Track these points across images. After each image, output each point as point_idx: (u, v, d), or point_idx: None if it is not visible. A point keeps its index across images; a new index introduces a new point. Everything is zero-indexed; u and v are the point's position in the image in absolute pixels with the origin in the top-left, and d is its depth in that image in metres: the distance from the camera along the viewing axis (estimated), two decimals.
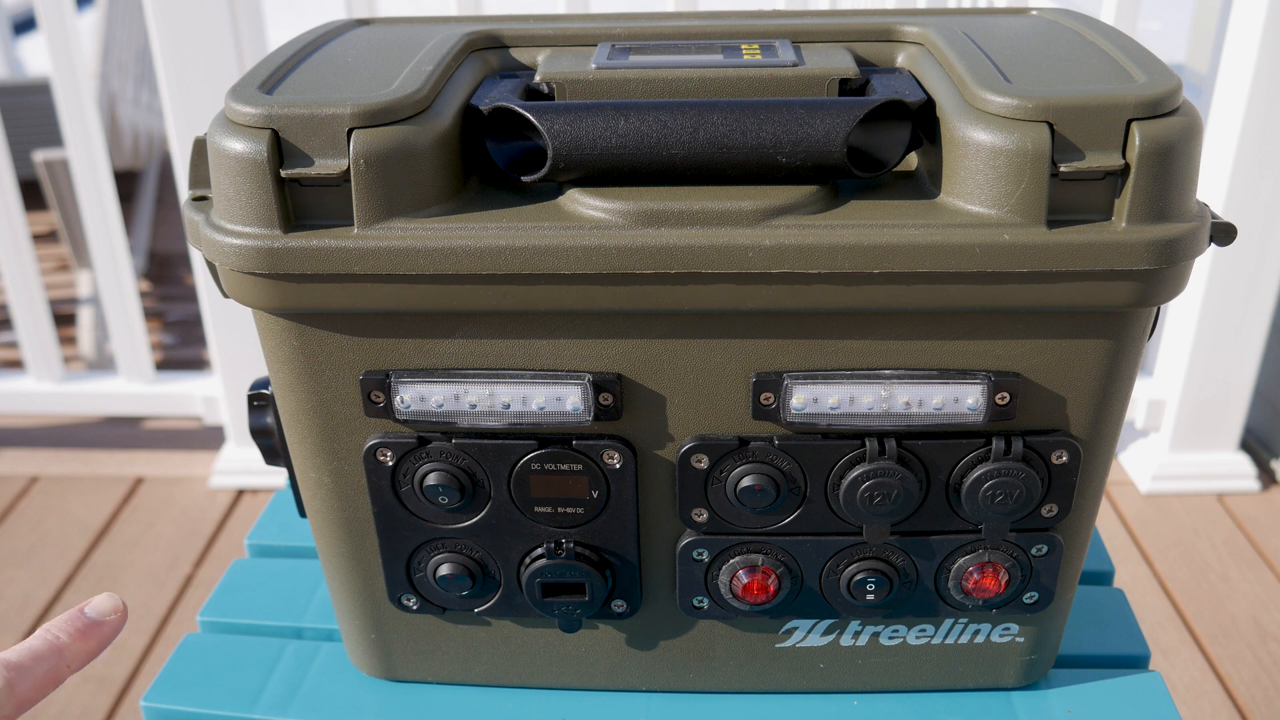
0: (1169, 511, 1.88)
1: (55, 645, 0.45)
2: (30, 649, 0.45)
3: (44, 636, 0.45)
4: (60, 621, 0.46)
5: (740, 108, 0.49)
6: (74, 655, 0.46)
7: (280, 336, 0.52)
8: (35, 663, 0.44)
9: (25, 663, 0.44)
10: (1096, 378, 0.52)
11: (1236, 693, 1.51)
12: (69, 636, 0.46)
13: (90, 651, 0.46)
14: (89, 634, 0.46)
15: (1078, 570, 0.60)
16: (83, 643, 0.46)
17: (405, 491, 0.56)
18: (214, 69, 1.59)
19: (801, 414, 0.52)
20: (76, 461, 2.05)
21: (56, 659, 0.45)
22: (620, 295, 0.49)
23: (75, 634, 0.46)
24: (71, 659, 0.46)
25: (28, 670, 0.44)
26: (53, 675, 0.45)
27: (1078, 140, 0.47)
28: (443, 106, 0.50)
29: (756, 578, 0.57)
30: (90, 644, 0.46)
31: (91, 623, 0.47)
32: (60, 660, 0.45)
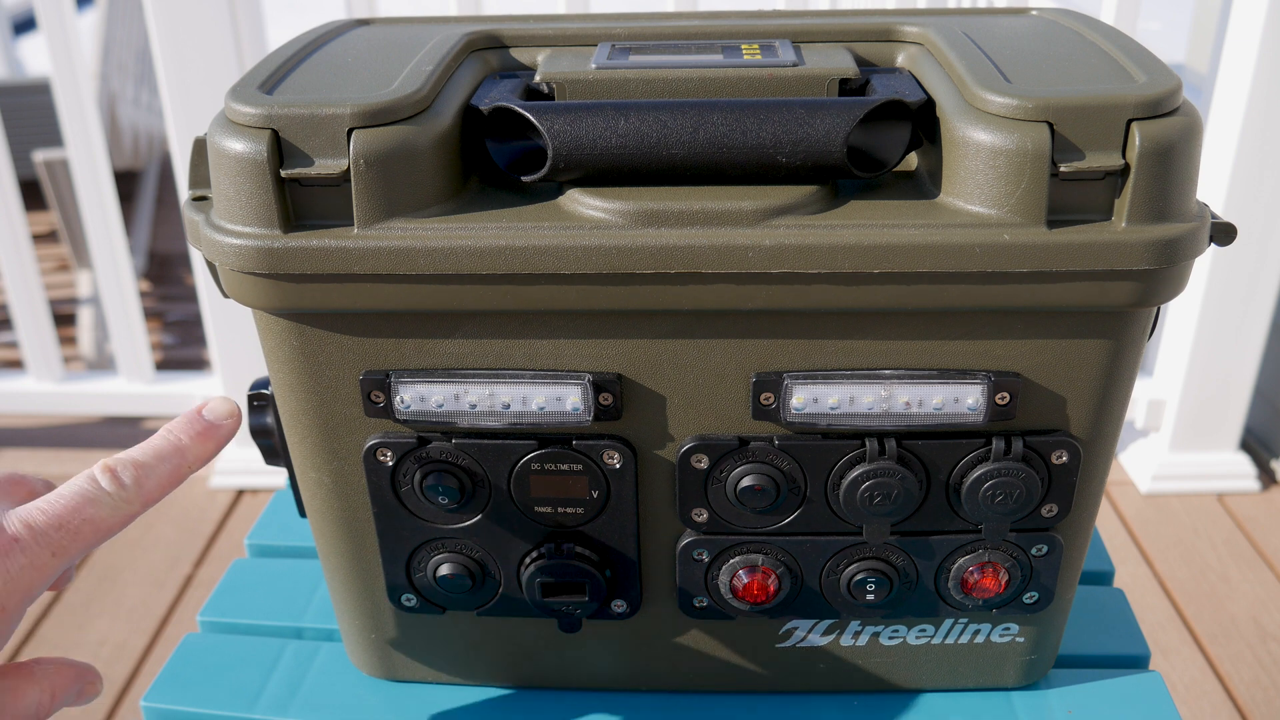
0: (1169, 511, 1.88)
1: (177, 445, 0.48)
2: (155, 449, 0.47)
3: (166, 437, 0.48)
4: (180, 423, 0.49)
5: (740, 108, 0.49)
6: (194, 456, 0.48)
7: (280, 336, 0.52)
8: (159, 462, 0.47)
9: (151, 462, 0.46)
10: (1096, 378, 0.52)
11: (1236, 693, 1.51)
12: (189, 438, 0.48)
13: (209, 453, 0.49)
14: (207, 436, 0.49)
15: (1078, 570, 0.60)
16: (201, 444, 0.48)
17: (405, 491, 0.56)
18: (214, 69, 1.59)
19: (801, 414, 0.52)
20: (76, 461, 2.05)
21: (179, 459, 0.47)
22: (620, 295, 0.49)
23: (195, 436, 0.48)
24: (193, 460, 0.48)
25: (153, 469, 0.46)
26: (175, 474, 0.47)
27: (1078, 140, 0.47)
28: (443, 106, 0.50)
29: (756, 578, 0.57)
30: (209, 446, 0.49)
31: (210, 425, 0.49)
32: (182, 460, 0.48)
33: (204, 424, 0.49)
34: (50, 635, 1.60)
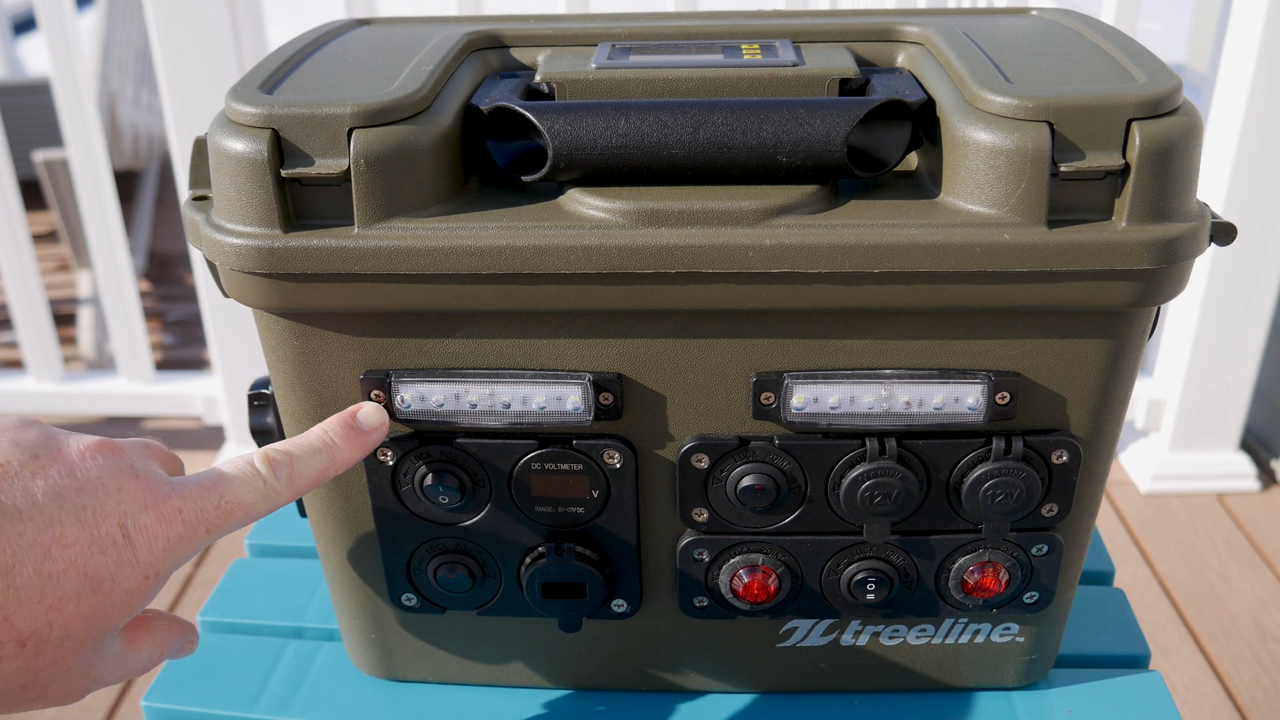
0: (1169, 511, 1.88)
1: (330, 444, 0.50)
2: (310, 445, 0.49)
3: (321, 436, 0.50)
4: (335, 425, 0.51)
5: (740, 107, 0.49)
6: (343, 458, 0.50)
7: (280, 336, 0.52)
8: (311, 458, 0.49)
9: (304, 456, 0.48)
10: (1096, 377, 0.52)
11: (1236, 693, 1.51)
12: (342, 439, 0.50)
13: (355, 458, 0.51)
14: (357, 441, 0.51)
15: (1078, 570, 0.60)
16: (351, 448, 0.50)
17: (405, 491, 0.56)
18: (214, 69, 1.59)
19: (802, 414, 0.52)
20: None
21: (329, 457, 0.49)
22: (620, 295, 0.49)
23: (346, 439, 0.50)
24: (341, 461, 0.50)
25: (306, 463, 0.48)
26: (324, 473, 0.49)
27: (1078, 140, 0.47)
28: (443, 106, 0.50)
29: (756, 578, 0.57)
30: (357, 450, 0.51)
31: (361, 431, 0.51)
32: (332, 460, 0.50)
33: (356, 428, 0.51)
34: None
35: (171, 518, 0.44)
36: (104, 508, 0.43)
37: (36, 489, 0.42)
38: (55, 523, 0.42)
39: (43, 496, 0.42)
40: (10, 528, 0.41)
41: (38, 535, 0.41)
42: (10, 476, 0.42)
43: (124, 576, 0.43)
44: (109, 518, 0.43)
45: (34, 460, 0.43)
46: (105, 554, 0.43)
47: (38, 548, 0.41)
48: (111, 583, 0.43)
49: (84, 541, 0.42)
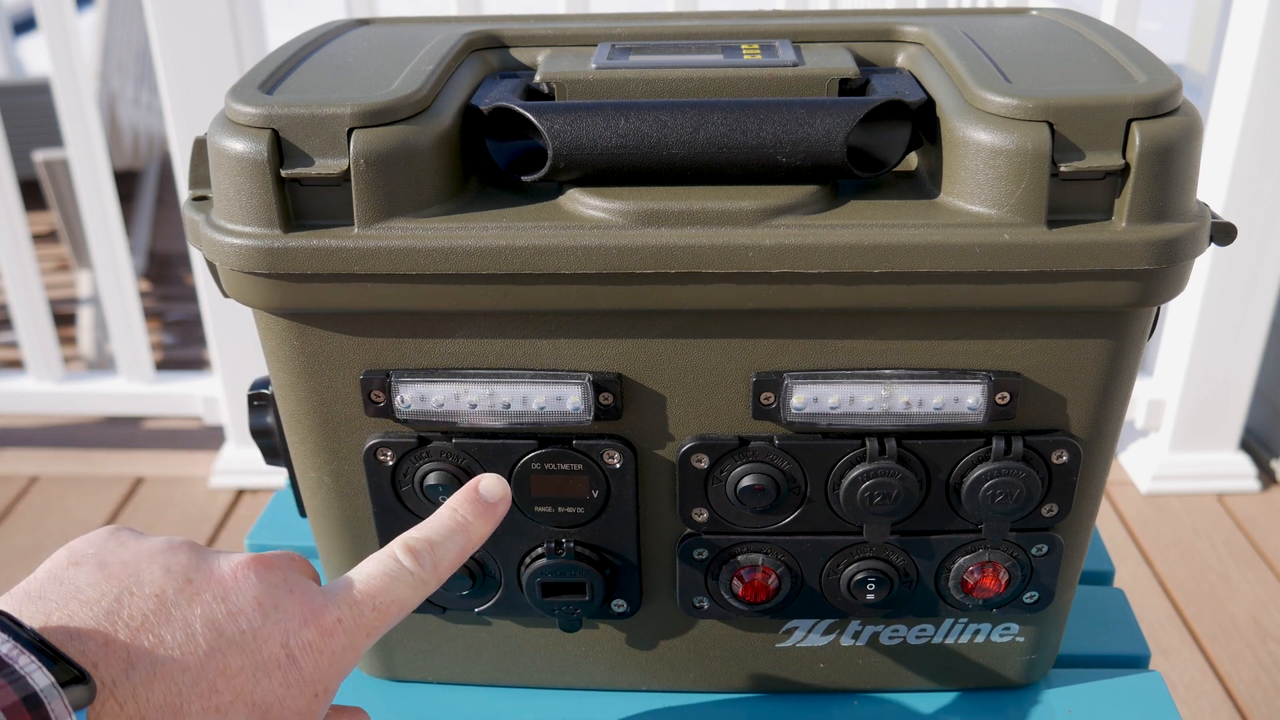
0: (1169, 511, 1.88)
1: (464, 524, 0.49)
2: (445, 527, 0.49)
3: (453, 516, 0.49)
4: (462, 502, 0.50)
5: (740, 108, 0.49)
6: (477, 535, 0.49)
7: (280, 336, 0.52)
8: (449, 540, 0.48)
9: (443, 541, 0.48)
10: (1096, 378, 0.52)
11: (1236, 693, 1.51)
12: (473, 516, 0.49)
13: (488, 532, 0.50)
14: (487, 515, 0.50)
15: (1078, 570, 0.60)
16: (483, 523, 0.49)
17: (405, 491, 0.56)
18: (214, 69, 1.59)
19: (801, 414, 0.52)
20: (76, 461, 2.05)
21: (465, 537, 0.49)
22: (620, 295, 0.49)
23: (477, 515, 0.49)
24: (476, 539, 0.49)
25: (446, 547, 0.48)
26: (463, 552, 0.49)
27: (1078, 140, 0.47)
28: (443, 106, 0.50)
29: (756, 578, 0.57)
30: (489, 524, 0.50)
31: (489, 504, 0.50)
32: (468, 539, 0.49)
33: (484, 503, 0.50)
34: None
35: (332, 630, 0.43)
36: (264, 629, 0.42)
37: (195, 619, 0.41)
38: (217, 653, 0.41)
39: (201, 626, 0.41)
40: (174, 666, 0.40)
41: (201, 670, 0.40)
42: (168, 608, 0.41)
43: (292, 699, 0.42)
44: (270, 639, 0.42)
45: (188, 586, 0.42)
46: (271, 678, 0.41)
47: (203, 683, 0.40)
48: (280, 707, 0.41)
49: (248, 669, 0.41)
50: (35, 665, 0.35)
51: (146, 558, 0.43)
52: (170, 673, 0.39)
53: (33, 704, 0.34)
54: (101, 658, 0.39)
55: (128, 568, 0.42)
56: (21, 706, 0.34)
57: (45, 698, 0.35)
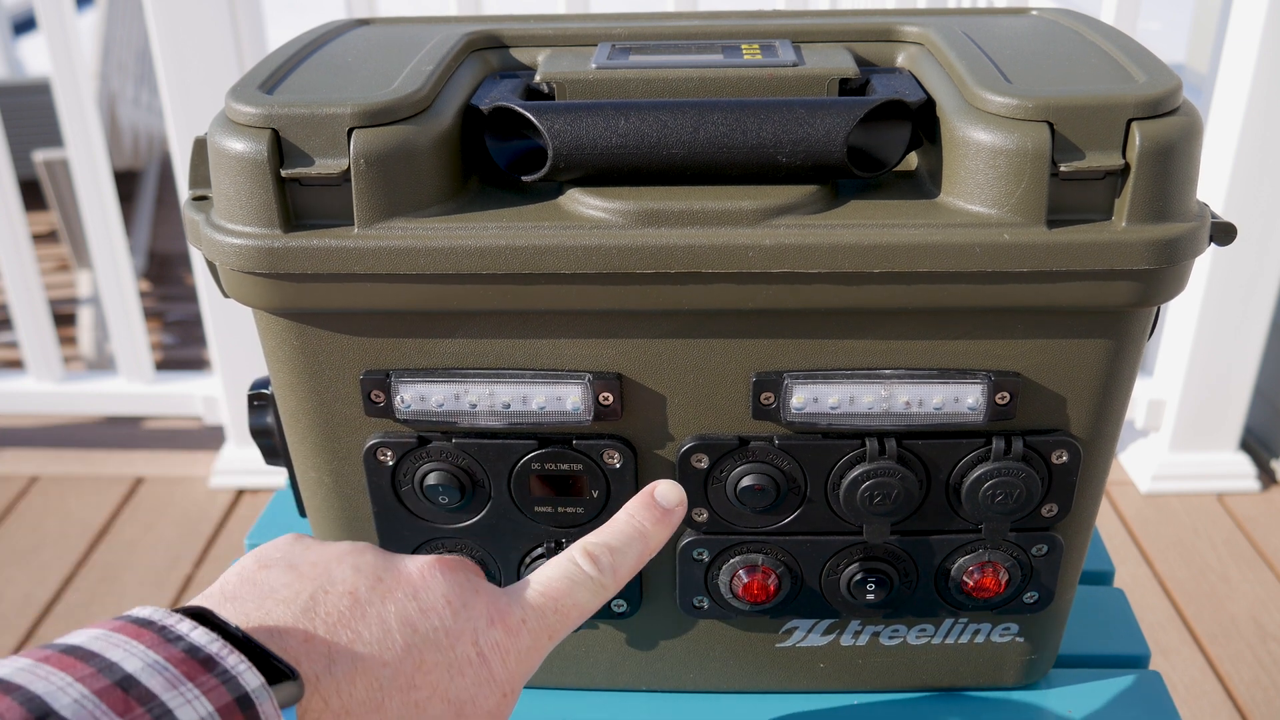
0: (1169, 511, 1.88)
1: (642, 530, 0.49)
2: (624, 533, 0.48)
3: (630, 522, 0.49)
4: (639, 508, 0.49)
5: (740, 107, 0.49)
6: (655, 541, 0.49)
7: (280, 336, 0.52)
8: (628, 546, 0.48)
9: (622, 547, 0.48)
10: (1096, 377, 0.52)
11: (1236, 693, 1.51)
12: (651, 524, 0.49)
13: (665, 538, 0.50)
14: (664, 521, 0.49)
15: (1078, 570, 0.60)
16: (660, 530, 0.49)
17: (405, 491, 0.56)
18: (214, 69, 1.59)
19: (801, 414, 0.52)
20: (76, 461, 2.05)
21: (644, 543, 0.48)
22: (620, 295, 0.49)
23: (655, 522, 0.49)
24: (654, 545, 0.49)
25: (625, 553, 0.48)
26: (641, 558, 0.48)
27: (1078, 140, 0.47)
28: (443, 106, 0.50)
29: (756, 578, 0.57)
30: (666, 531, 0.50)
31: (665, 510, 0.50)
32: (646, 545, 0.49)
33: (660, 510, 0.50)
34: (51, 635, 1.60)
35: (518, 629, 0.43)
36: (455, 627, 0.42)
37: (389, 615, 0.41)
38: (414, 649, 0.41)
39: (396, 623, 0.41)
40: (374, 661, 0.40)
41: (400, 666, 0.40)
42: (362, 605, 0.41)
43: (483, 697, 0.42)
44: (462, 637, 0.42)
45: (379, 584, 0.42)
46: (464, 675, 0.41)
47: (401, 678, 0.40)
48: (473, 705, 0.42)
49: (443, 665, 0.41)
50: (245, 665, 0.35)
51: (335, 559, 0.43)
52: (370, 668, 0.39)
53: (245, 704, 0.34)
54: (304, 655, 0.39)
55: (318, 568, 0.43)
56: (235, 707, 0.34)
57: (256, 698, 0.35)
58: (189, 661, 0.34)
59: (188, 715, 0.33)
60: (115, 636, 0.35)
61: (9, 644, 1.58)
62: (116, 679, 0.33)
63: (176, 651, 0.35)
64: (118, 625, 0.36)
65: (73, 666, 0.33)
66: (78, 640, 0.35)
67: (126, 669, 0.33)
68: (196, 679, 0.34)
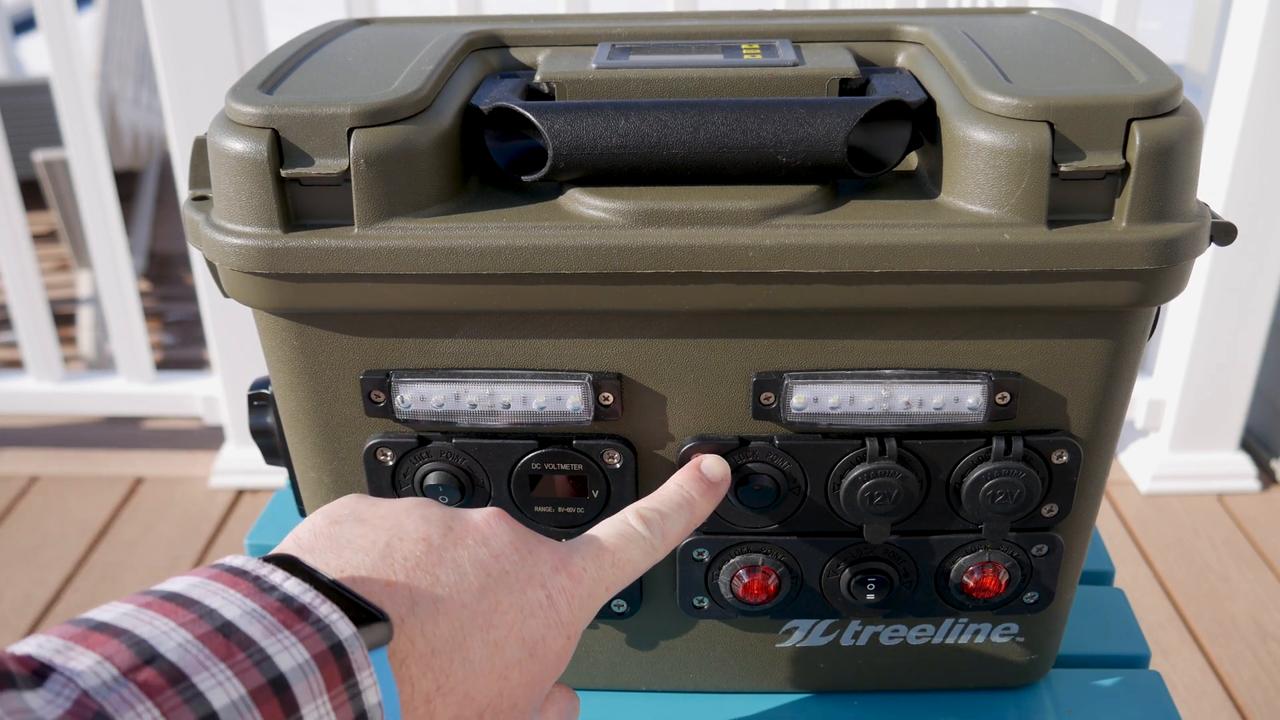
0: (1169, 511, 1.88)
1: (690, 499, 0.51)
2: (673, 500, 0.50)
3: (679, 491, 0.51)
4: (688, 479, 0.52)
5: (740, 107, 0.49)
6: (701, 511, 0.51)
7: (280, 336, 0.52)
8: (677, 513, 0.50)
9: (671, 512, 0.50)
10: (1097, 378, 0.52)
11: (1236, 693, 1.51)
12: (699, 494, 0.51)
13: (710, 509, 0.52)
14: (710, 493, 0.52)
15: (1078, 570, 0.60)
16: (706, 500, 0.51)
17: (405, 491, 0.56)
18: (214, 69, 1.59)
19: (802, 414, 0.52)
20: (76, 461, 2.05)
21: (690, 511, 0.50)
22: (620, 295, 0.49)
23: (701, 492, 0.51)
24: (700, 514, 0.51)
25: (673, 519, 0.49)
26: (688, 525, 0.50)
27: (1078, 140, 0.47)
28: (443, 106, 0.50)
29: (756, 578, 0.57)
30: (711, 502, 0.52)
31: (711, 483, 0.52)
32: (693, 513, 0.50)
33: (707, 481, 0.52)
34: None
35: (579, 576, 0.45)
36: (524, 572, 0.44)
37: (464, 559, 0.42)
38: (489, 591, 0.42)
39: (470, 566, 0.42)
40: (453, 603, 0.41)
41: (477, 606, 0.41)
42: (437, 550, 0.42)
43: (552, 638, 0.43)
44: (531, 581, 0.44)
45: (449, 531, 0.43)
46: (535, 617, 0.43)
47: (479, 617, 0.41)
48: (544, 645, 0.43)
49: (516, 607, 0.43)
50: (338, 614, 0.36)
51: (403, 511, 0.44)
52: (450, 609, 0.41)
53: (338, 653, 0.36)
54: (387, 597, 0.40)
55: (387, 519, 0.44)
56: (329, 655, 0.35)
57: (348, 646, 0.36)
58: (284, 610, 0.36)
59: (285, 661, 0.34)
60: (213, 585, 0.36)
61: (9, 644, 1.58)
62: (217, 625, 0.34)
63: (272, 600, 0.36)
64: (214, 573, 0.37)
65: (174, 612, 0.34)
66: (176, 588, 0.36)
67: (226, 615, 0.35)
68: (293, 627, 0.35)
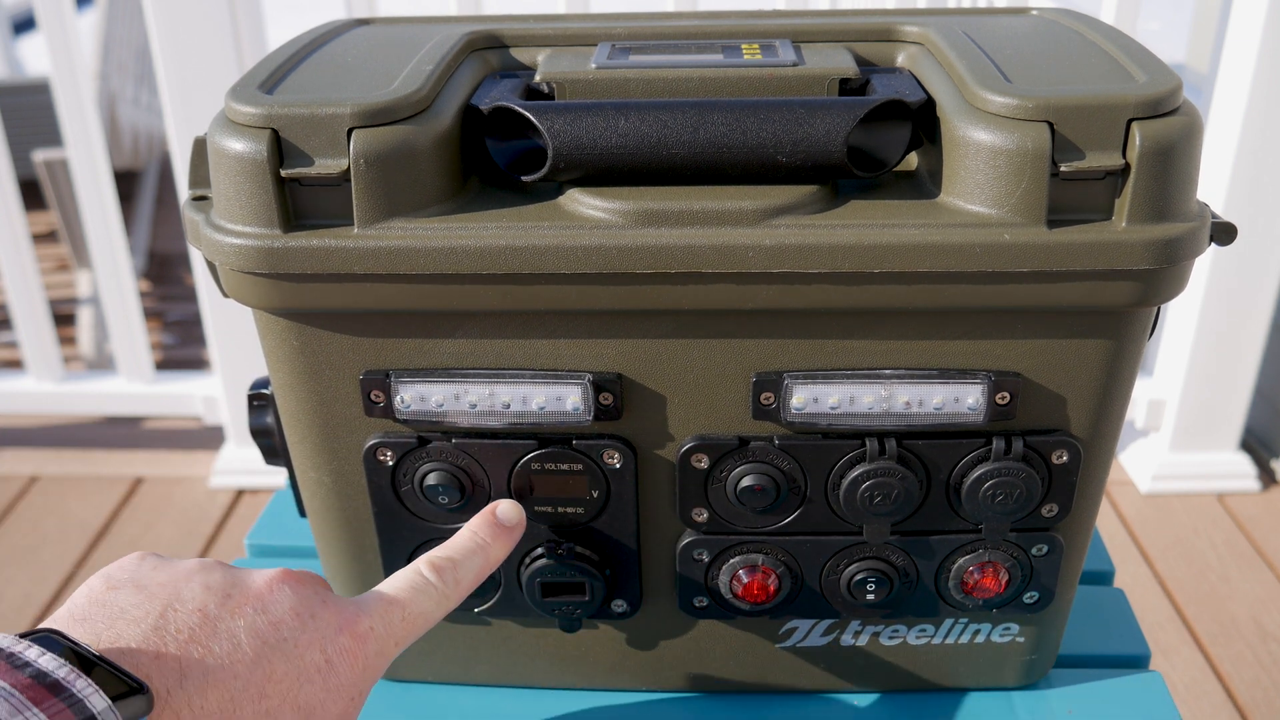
0: (1169, 511, 1.88)
1: (483, 545, 0.52)
2: (465, 547, 0.51)
3: (472, 538, 0.52)
4: (482, 525, 0.53)
5: (740, 107, 0.49)
6: (495, 556, 0.52)
7: (280, 336, 0.52)
8: (470, 559, 0.51)
9: (464, 560, 0.51)
10: (1097, 378, 0.52)
11: (1236, 693, 1.51)
12: (491, 539, 0.52)
13: (505, 553, 0.52)
14: (504, 537, 0.52)
15: (1078, 570, 0.60)
16: (500, 545, 0.52)
17: (405, 491, 0.56)
18: (214, 69, 1.59)
19: (801, 414, 0.52)
20: (76, 461, 2.05)
21: (484, 557, 0.51)
22: (620, 295, 0.49)
23: (494, 537, 0.52)
24: (494, 559, 0.52)
25: (466, 566, 0.51)
26: (481, 572, 0.51)
27: (1078, 140, 0.47)
28: (443, 106, 0.50)
29: (756, 578, 0.57)
30: (505, 548, 0.53)
31: (505, 528, 0.53)
32: (486, 559, 0.52)
33: (501, 527, 0.53)
34: None
35: (365, 636, 0.46)
36: (304, 637, 0.44)
37: (239, 629, 0.43)
38: (263, 660, 0.42)
39: (245, 636, 0.43)
40: (225, 674, 0.41)
41: (250, 676, 0.42)
42: (212, 621, 0.43)
43: (331, 702, 0.44)
44: (310, 646, 0.44)
45: (228, 600, 0.44)
46: (312, 683, 0.43)
47: (252, 688, 0.42)
48: (321, 710, 0.44)
49: (292, 674, 0.43)
50: (92, 688, 0.36)
51: (183, 577, 0.45)
52: (222, 680, 0.41)
53: None
54: (154, 670, 0.40)
55: (166, 588, 0.44)
56: None
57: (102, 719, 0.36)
58: (36, 687, 0.35)
59: None
60: None
61: None
62: None
63: (23, 678, 0.36)
64: None
65: None
66: None
67: None
68: (43, 704, 0.35)
